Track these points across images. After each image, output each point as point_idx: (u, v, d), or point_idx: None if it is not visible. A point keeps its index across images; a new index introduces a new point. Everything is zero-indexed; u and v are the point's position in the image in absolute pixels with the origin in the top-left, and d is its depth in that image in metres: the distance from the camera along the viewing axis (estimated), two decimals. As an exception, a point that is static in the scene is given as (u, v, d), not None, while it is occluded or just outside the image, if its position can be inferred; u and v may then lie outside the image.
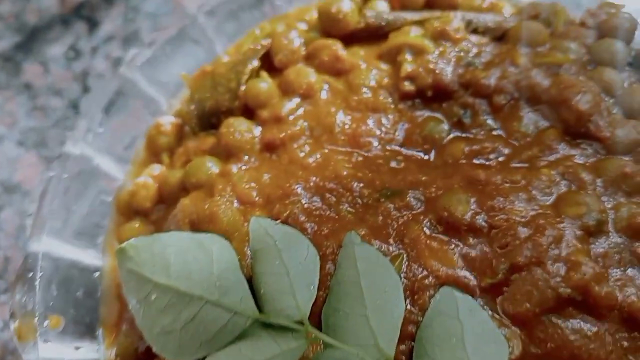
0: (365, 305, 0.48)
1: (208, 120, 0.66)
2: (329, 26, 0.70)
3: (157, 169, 0.65)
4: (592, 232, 0.52)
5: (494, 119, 0.62)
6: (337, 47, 0.67)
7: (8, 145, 0.95)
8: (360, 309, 0.48)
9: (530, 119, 0.61)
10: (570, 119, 0.59)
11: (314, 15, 0.76)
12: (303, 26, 0.75)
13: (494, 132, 0.61)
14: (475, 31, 0.69)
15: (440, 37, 0.67)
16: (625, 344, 0.49)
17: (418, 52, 0.66)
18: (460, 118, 0.63)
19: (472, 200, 0.54)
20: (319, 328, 0.49)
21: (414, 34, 0.67)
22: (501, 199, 0.54)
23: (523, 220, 0.52)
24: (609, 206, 0.54)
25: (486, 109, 0.63)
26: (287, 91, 0.65)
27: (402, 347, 0.49)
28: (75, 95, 1.08)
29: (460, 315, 0.48)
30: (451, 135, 0.62)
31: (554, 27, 0.70)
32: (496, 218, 0.53)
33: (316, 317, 0.50)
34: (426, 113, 0.64)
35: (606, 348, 0.48)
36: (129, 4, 1.20)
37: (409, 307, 0.50)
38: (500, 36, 0.69)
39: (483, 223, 0.53)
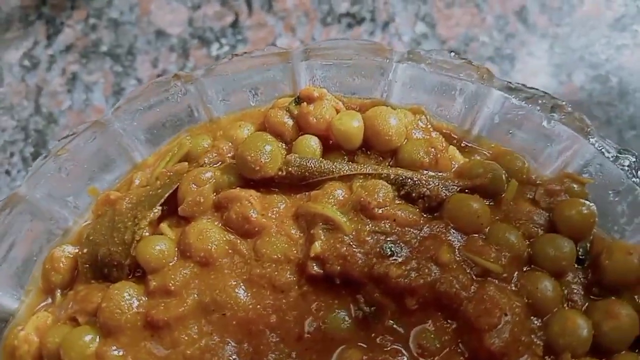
0: None
1: (100, 270, 0.61)
2: (245, 172, 0.61)
3: (42, 318, 0.61)
4: None
5: (402, 324, 0.56)
6: (250, 203, 0.59)
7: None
8: None
9: (439, 335, 0.55)
10: (480, 353, 0.53)
11: (244, 131, 0.67)
12: (226, 147, 0.66)
13: (397, 345, 0.55)
14: (408, 195, 0.60)
15: (361, 210, 0.58)
16: None
17: (333, 228, 0.58)
18: (366, 315, 0.56)
19: None
20: None
21: (333, 202, 0.59)
22: None
23: None
24: None
25: (395, 311, 0.56)
26: (184, 253, 0.59)
27: None
28: (26, 115, 1.04)
29: None
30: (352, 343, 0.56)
31: (505, 195, 0.61)
32: None
33: None
34: (331, 303, 0.57)
35: None
36: (93, 5, 1.11)
37: None
38: (435, 205, 0.60)
39: None
